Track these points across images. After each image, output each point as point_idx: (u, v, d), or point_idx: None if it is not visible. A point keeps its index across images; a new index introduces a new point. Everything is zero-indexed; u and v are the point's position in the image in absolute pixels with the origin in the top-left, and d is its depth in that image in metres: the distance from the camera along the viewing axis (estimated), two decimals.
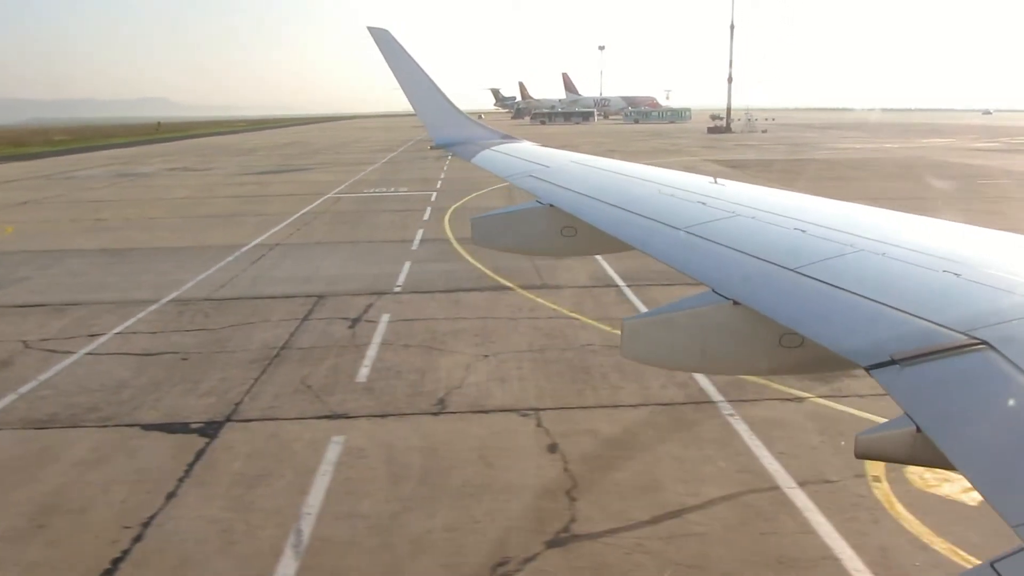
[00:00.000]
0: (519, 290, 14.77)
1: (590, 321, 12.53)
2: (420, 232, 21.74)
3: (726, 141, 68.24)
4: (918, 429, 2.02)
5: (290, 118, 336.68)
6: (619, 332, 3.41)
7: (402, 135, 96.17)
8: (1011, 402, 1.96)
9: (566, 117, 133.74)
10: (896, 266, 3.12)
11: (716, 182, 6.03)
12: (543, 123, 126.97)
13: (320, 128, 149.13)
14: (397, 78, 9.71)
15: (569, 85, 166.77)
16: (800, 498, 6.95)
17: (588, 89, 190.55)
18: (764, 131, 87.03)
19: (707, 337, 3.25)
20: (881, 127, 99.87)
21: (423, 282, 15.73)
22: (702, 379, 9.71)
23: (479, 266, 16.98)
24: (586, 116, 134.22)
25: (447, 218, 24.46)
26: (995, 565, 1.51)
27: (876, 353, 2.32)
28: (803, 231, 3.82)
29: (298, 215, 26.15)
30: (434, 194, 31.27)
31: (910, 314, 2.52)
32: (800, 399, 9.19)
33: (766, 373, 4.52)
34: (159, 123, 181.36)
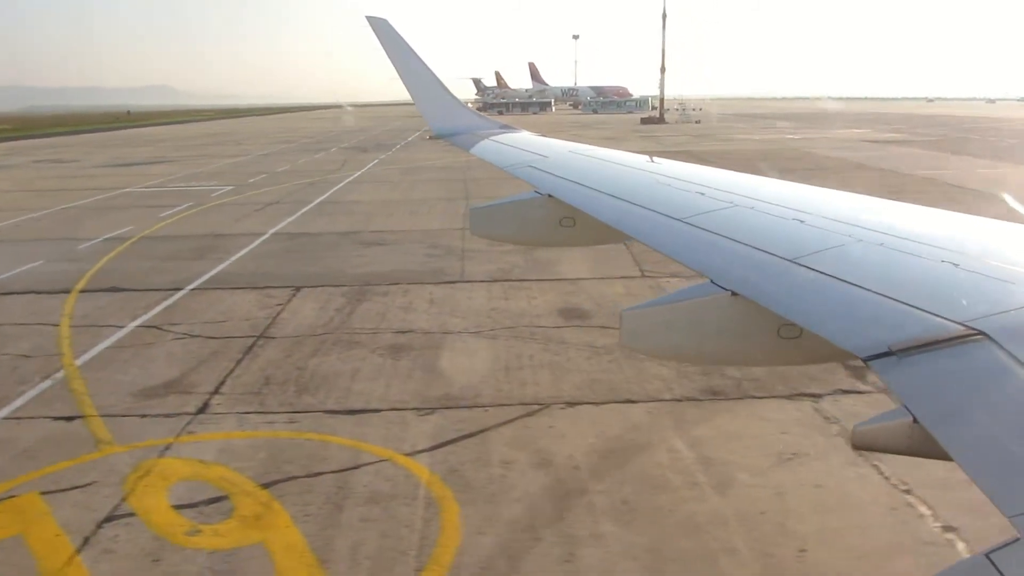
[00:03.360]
0: (77, 295, 14.35)
1: (65, 329, 12.12)
2: (124, 230, 21.24)
3: (637, 134, 67.49)
4: (915, 420, 2.01)
5: (278, 107, 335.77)
6: (75, 339, 3.13)
7: (341, 125, 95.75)
8: (1009, 393, 1.95)
9: (523, 107, 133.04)
10: (894, 256, 3.12)
11: (715, 171, 5.99)
12: (500, 112, 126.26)
13: (279, 119, 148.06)
14: (396, 68, 9.65)
15: (536, 75, 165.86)
16: None
17: (563, 78, 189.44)
18: (697, 121, 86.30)
19: (705, 328, 3.26)
20: (824, 117, 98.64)
21: None
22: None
23: (89, 269, 16.48)
24: (543, 106, 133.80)
25: (183, 215, 24.05)
26: (990, 556, 1.52)
27: (874, 344, 2.33)
28: (801, 221, 3.81)
29: (54, 210, 25.77)
30: (228, 188, 30.79)
31: (908, 305, 2.52)
32: (71, 418, 8.79)
33: (764, 364, 4.55)
34: (128, 111, 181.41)
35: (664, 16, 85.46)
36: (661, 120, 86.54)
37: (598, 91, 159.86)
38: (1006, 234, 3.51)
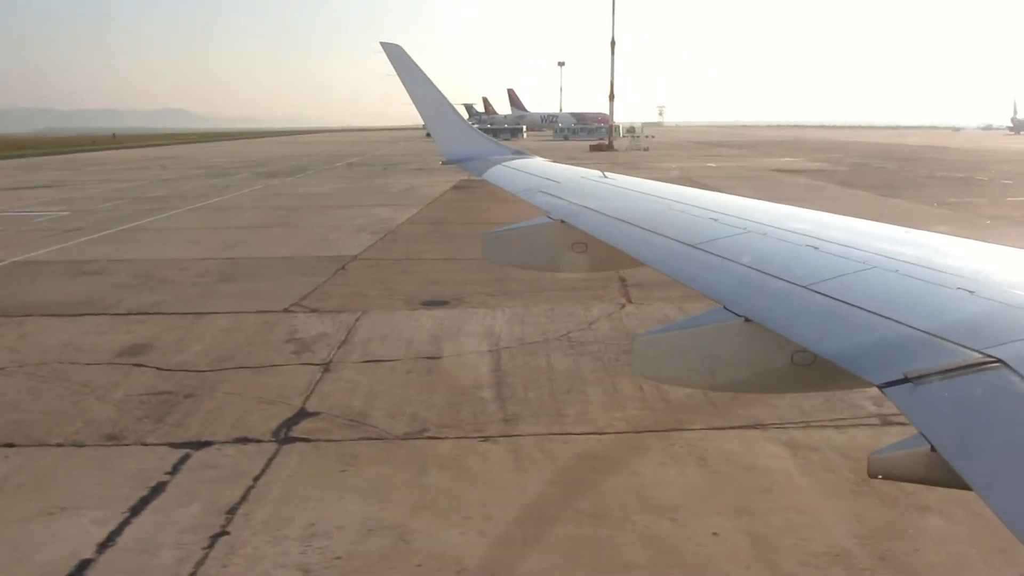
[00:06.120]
0: None
1: None
2: None
3: (570, 161, 67.45)
4: (932, 448, 2.00)
5: (284, 131, 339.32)
6: None
7: (305, 149, 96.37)
8: None
9: (495, 133, 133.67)
10: (909, 283, 3.11)
11: (729, 198, 5.99)
12: None
13: (257, 142, 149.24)
14: (409, 93, 9.77)
15: (515, 101, 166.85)
16: None
17: (552, 105, 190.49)
18: (646, 149, 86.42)
19: (718, 354, 3.23)
20: (781, 145, 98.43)
21: None
22: None
23: None
24: (514, 132, 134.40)
25: None
26: None
27: (889, 371, 2.31)
28: (815, 248, 3.84)
29: None
30: (64, 214, 30.81)
31: (923, 331, 2.51)
32: None
33: (778, 391, 4.54)
34: (113, 135, 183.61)
35: (613, 44, 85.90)
36: (610, 147, 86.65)
37: (578, 118, 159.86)
38: (1022, 261, 3.50)
